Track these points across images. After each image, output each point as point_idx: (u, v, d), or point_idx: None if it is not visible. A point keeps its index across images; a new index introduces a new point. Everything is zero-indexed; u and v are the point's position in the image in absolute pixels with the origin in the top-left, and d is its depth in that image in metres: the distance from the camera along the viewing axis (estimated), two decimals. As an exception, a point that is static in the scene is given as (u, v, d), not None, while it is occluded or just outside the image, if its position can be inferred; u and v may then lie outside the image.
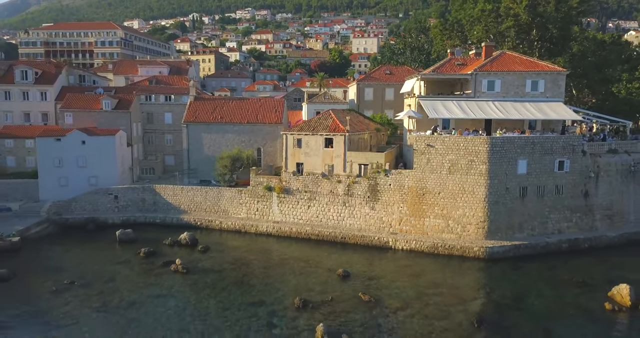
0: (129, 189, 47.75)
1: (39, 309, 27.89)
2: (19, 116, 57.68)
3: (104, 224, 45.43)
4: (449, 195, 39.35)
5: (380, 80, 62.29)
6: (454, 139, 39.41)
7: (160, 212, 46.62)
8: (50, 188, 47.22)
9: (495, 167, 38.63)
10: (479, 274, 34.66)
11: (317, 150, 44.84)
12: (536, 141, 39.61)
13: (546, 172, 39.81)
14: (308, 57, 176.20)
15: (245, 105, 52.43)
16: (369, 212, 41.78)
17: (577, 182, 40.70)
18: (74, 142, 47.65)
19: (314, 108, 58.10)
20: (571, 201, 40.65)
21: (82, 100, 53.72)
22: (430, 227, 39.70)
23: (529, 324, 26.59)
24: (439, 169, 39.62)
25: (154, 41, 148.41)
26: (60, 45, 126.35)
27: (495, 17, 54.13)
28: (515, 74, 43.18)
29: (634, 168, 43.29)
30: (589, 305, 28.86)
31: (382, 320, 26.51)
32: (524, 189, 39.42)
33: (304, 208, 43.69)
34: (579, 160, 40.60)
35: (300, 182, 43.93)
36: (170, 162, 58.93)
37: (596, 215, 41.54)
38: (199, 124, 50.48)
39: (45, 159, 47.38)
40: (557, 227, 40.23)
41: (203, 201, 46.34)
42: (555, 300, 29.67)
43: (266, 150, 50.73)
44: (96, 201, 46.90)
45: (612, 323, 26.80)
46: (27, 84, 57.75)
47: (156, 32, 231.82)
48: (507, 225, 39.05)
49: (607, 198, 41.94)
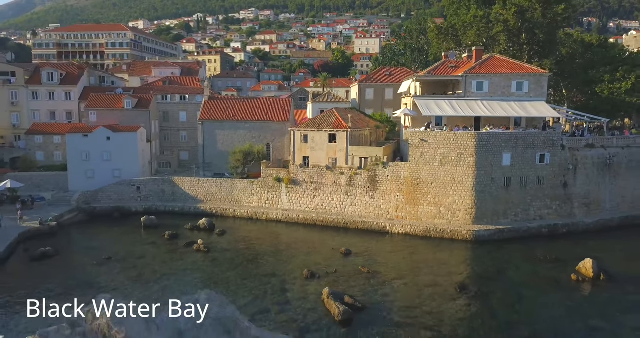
0: (150, 181, 52.62)
1: (85, 279, 32.68)
2: (46, 114, 62.57)
3: (128, 212, 50.28)
4: (440, 185, 44.02)
5: (380, 80, 66.97)
6: (445, 134, 44.10)
7: (178, 202, 51.44)
8: (78, 180, 52.10)
9: (482, 160, 43.27)
10: (465, 253, 39.33)
11: (322, 145, 49.56)
12: (519, 136, 44.25)
13: (528, 164, 44.42)
14: (311, 57, 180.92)
15: (256, 104, 57.24)
16: (368, 201, 46.49)
17: (557, 174, 45.29)
18: (100, 138, 52.50)
19: (319, 107, 62.83)
20: (551, 191, 45.24)
21: (105, 99, 58.59)
22: (424, 213, 44.38)
23: (505, 291, 31.26)
24: (432, 161, 44.29)
25: (162, 42, 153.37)
26: (72, 46, 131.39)
27: (487, 23, 58.67)
28: (502, 75, 47.78)
29: (609, 161, 47.85)
30: (558, 276, 33.46)
31: (379, 286, 31.22)
32: (508, 179, 44.05)
33: (310, 198, 48.44)
34: (558, 153, 45.19)
35: (306, 173, 48.68)
36: (185, 157, 63.76)
37: (574, 204, 46.13)
38: (213, 121, 55.30)
39: (74, 153, 52.26)
40: (538, 214, 44.83)
41: (218, 191, 51.13)
42: (530, 273, 34.31)
43: (275, 145, 55.51)
44: (120, 191, 51.76)
45: (575, 290, 31.42)
46: (53, 84, 62.65)
47: (162, 33, 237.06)
48: (492, 212, 43.69)
49: (584, 188, 46.53)
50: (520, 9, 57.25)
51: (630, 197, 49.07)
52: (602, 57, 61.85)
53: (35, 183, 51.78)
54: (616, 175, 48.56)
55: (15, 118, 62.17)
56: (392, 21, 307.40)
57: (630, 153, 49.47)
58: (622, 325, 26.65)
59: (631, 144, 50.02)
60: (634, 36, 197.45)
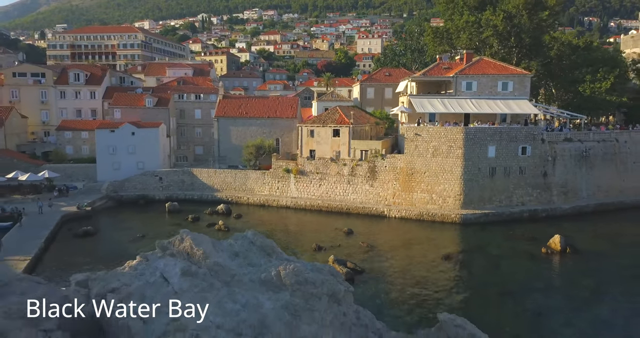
0: (171, 172, 58.47)
1: (126, 250, 38.47)
2: (72, 112, 68.51)
3: (151, 200, 56.14)
4: (432, 174, 49.70)
5: (380, 81, 72.67)
6: (436, 129, 49.79)
7: (197, 191, 57.27)
8: (106, 171, 57.99)
9: (470, 152, 48.92)
10: (454, 233, 45.00)
11: (327, 139, 55.32)
12: (503, 131, 49.90)
13: (511, 155, 50.05)
14: (315, 57, 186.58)
15: (266, 102, 63.03)
16: (368, 189, 52.21)
17: (537, 164, 50.92)
18: (125, 133, 58.35)
19: (323, 105, 68.52)
20: (532, 179, 50.87)
21: (128, 98, 64.47)
22: (417, 199, 50.07)
23: (483, 260, 36.96)
24: (425, 153, 49.97)
25: (170, 43, 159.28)
26: (85, 47, 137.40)
27: (478, 28, 64.22)
28: (489, 76, 53.40)
29: (585, 153, 53.49)
30: (531, 250, 39.08)
31: (376, 257, 36.95)
32: (493, 169, 49.70)
33: (316, 186, 54.19)
34: (538, 146, 50.82)
35: (312, 165, 54.44)
36: (200, 151, 69.58)
37: (553, 191, 51.75)
38: (227, 118, 61.12)
39: (102, 147, 58.15)
40: (520, 200, 50.46)
41: (233, 181, 56.94)
42: (508, 248, 40.00)
43: (284, 140, 61.28)
44: (144, 181, 57.62)
45: (544, 260, 37.07)
46: (79, 84, 68.57)
47: (167, 33, 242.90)
48: (479, 198, 49.33)
49: (562, 177, 52.16)
50: (508, 15, 62.81)
51: (605, 185, 54.73)
52: (585, 59, 67.29)
53: (68, 174, 57.64)
54: (592, 166, 54.22)
55: (44, 115, 68.12)
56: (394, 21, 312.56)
57: (605, 146, 55.14)
58: (577, 284, 32.28)
59: (606, 138, 55.71)
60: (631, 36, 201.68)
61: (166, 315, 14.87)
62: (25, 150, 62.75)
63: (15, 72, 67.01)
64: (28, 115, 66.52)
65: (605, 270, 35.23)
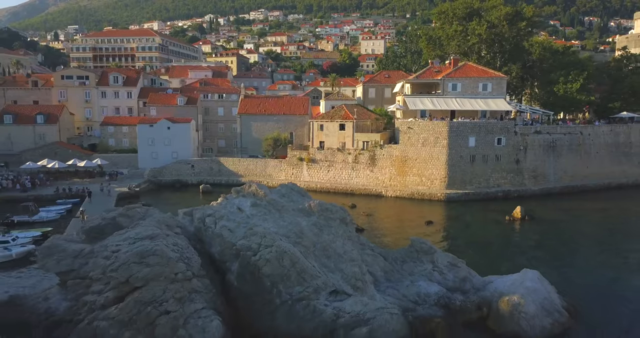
0: (201, 160, 69.35)
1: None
2: (112, 110, 79.53)
3: (185, 184, 66.96)
4: (422, 161, 60.31)
5: (381, 82, 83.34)
6: (425, 123, 60.42)
7: (224, 176, 68.08)
8: (146, 160, 68.88)
9: (453, 142, 59.48)
10: (438, 208, 55.57)
11: (334, 132, 66.03)
12: (482, 124, 60.45)
13: (489, 145, 60.55)
14: (320, 58, 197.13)
15: (281, 101, 73.82)
16: (369, 173, 62.90)
17: (511, 153, 61.42)
18: (162, 127, 69.23)
19: (330, 103, 79.17)
20: (507, 165, 61.37)
21: (162, 97, 75.41)
22: (410, 182, 60.70)
23: (459, 224, 47.67)
24: (416, 143, 60.57)
25: (184, 45, 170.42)
26: (106, 50, 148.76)
27: (465, 36, 74.69)
28: (472, 79, 63.94)
29: (553, 144, 63.98)
30: (498, 218, 49.58)
31: (374, 222, 47.67)
32: (473, 157, 60.23)
33: (325, 172, 64.90)
34: (512, 138, 61.34)
35: (322, 154, 65.16)
36: (222, 144, 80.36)
37: (525, 175, 62.25)
38: (249, 115, 71.97)
39: (142, 139, 69.07)
40: (496, 183, 60.99)
41: (254, 168, 67.71)
42: (480, 217, 50.60)
43: (297, 133, 72.05)
44: (179, 168, 68.48)
45: (506, 225, 47.59)
46: (117, 86, 79.57)
47: (177, 35, 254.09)
48: (461, 181, 59.89)
49: (532, 164, 62.67)
50: (491, 25, 73.29)
51: (570, 171, 65.25)
52: (560, 63, 77.68)
53: (114, 162, 68.58)
54: (559, 154, 64.75)
55: (88, 113, 79.21)
56: (398, 21, 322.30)
57: (571, 138, 65.67)
58: (527, 239, 42.90)
59: (572, 131, 66.25)
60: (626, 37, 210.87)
61: (244, 227, 25.91)
62: (74, 142, 73.70)
63: (63, 75, 78.12)
64: (74, 112, 77.52)
65: (553, 231, 45.79)
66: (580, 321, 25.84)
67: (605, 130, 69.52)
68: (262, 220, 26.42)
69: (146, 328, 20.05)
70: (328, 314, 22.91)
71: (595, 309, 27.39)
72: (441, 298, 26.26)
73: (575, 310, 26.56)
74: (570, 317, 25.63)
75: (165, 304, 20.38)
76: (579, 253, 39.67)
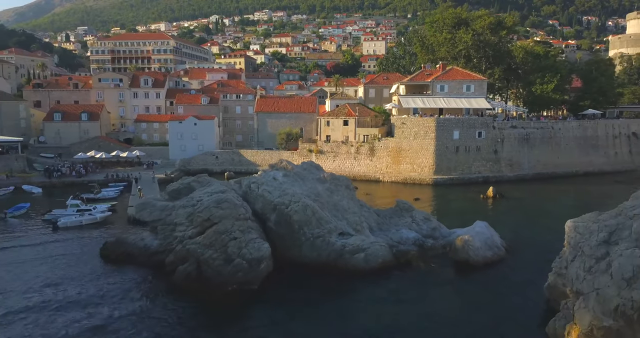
0: (224, 152, 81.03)
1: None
2: (142, 109, 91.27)
3: (210, 172, 78.08)
4: (414, 151, 71.77)
5: (380, 83, 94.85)
6: (416, 119, 71.91)
7: (243, 166, 79.69)
8: (176, 152, 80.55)
9: (440, 135, 70.90)
10: (427, 190, 67.04)
11: (339, 127, 77.54)
12: (464, 120, 71.89)
13: (471, 138, 71.96)
14: (324, 58, 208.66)
15: (292, 101, 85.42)
16: (369, 162, 74.41)
17: (490, 144, 72.84)
18: (190, 124, 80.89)
19: (335, 102, 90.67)
20: (486, 155, 72.81)
21: (188, 98, 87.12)
22: (403, 169, 72.19)
23: (442, 201, 59.19)
24: (409, 136, 72.03)
25: (196, 47, 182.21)
26: (123, 53, 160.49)
27: (453, 43, 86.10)
28: (457, 81, 75.34)
29: (527, 137, 75.40)
30: (474, 197, 61.05)
31: (372, 200, 59.13)
32: (457, 148, 71.67)
33: (331, 161, 76.43)
34: (491, 131, 72.77)
35: (328, 146, 76.66)
36: (239, 138, 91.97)
37: (502, 164, 73.69)
38: (264, 113, 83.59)
39: (173, 134, 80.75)
40: (477, 170, 72.43)
41: (270, 159, 79.11)
42: (460, 196, 62.06)
43: (306, 129, 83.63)
44: (205, 159, 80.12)
45: (479, 201, 59.10)
46: (147, 87, 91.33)
47: (185, 36, 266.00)
48: (446, 168, 71.33)
49: (509, 154, 74.10)
50: (475, 33, 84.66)
51: (542, 160, 76.66)
52: (537, 66, 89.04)
53: (148, 154, 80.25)
54: (532, 146, 76.20)
55: (121, 111, 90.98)
56: (399, 22, 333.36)
57: (543, 132, 77.10)
58: (495, 210, 54.41)
59: (544, 126, 77.70)
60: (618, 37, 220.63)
61: (278, 190, 37.54)
62: (112, 136, 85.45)
63: (100, 78, 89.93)
64: (110, 111, 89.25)
65: (516, 205, 57.33)
66: (513, 255, 37.37)
67: (574, 125, 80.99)
68: (290, 186, 37.99)
69: (221, 248, 31.60)
70: (338, 246, 34.49)
71: (525, 249, 38.92)
72: (417, 241, 37.86)
73: (511, 248, 38.15)
74: (506, 252, 37.21)
75: (233, 233, 31.93)
76: (530, 218, 51.27)
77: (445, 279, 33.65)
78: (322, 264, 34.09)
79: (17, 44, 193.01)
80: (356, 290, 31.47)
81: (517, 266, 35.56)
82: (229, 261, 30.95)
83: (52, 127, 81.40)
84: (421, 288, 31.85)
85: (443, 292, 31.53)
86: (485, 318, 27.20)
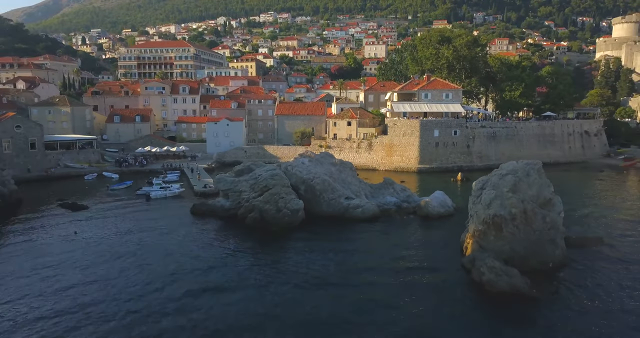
0: (251, 147, 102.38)
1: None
2: (181, 112, 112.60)
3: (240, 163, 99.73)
4: (403, 147, 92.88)
5: (378, 90, 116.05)
6: (405, 121, 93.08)
7: (267, 158, 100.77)
8: (212, 147, 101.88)
9: (423, 133, 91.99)
10: (413, 176, 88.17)
11: (343, 127, 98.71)
12: (443, 121, 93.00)
13: (448, 135, 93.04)
14: (329, 62, 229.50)
15: (306, 105, 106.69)
16: (367, 155, 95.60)
17: (463, 141, 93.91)
18: (223, 124, 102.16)
19: (340, 106, 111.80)
20: (461, 149, 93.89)
21: (220, 102, 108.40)
22: (395, 160, 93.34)
23: (422, 182, 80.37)
24: (399, 134, 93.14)
25: (211, 53, 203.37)
26: (148, 59, 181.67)
27: (437, 57, 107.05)
28: (438, 90, 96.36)
29: (494, 134, 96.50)
30: (447, 180, 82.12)
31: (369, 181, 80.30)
32: (437, 143, 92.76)
33: (337, 154, 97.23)
34: (464, 130, 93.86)
35: (335, 142, 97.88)
36: (261, 137, 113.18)
37: (473, 156, 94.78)
38: (283, 115, 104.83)
39: (210, 132, 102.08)
40: (453, 161, 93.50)
41: (288, 153, 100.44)
42: (436, 179, 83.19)
43: (317, 128, 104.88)
44: (236, 153, 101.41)
45: (450, 183, 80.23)
46: (185, 94, 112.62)
47: (195, 39, 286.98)
48: (429, 159, 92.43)
49: (479, 148, 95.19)
50: (455, 49, 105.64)
51: (507, 153, 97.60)
52: (507, 75, 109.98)
53: (190, 149, 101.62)
54: (499, 142, 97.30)
55: (164, 114, 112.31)
56: (400, 23, 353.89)
57: (507, 130, 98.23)
58: (462, 190, 75.52)
59: (508, 126, 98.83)
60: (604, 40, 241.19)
61: (306, 170, 59.61)
62: (158, 135, 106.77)
63: (147, 87, 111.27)
64: (155, 113, 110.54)
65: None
66: (460, 212, 58.52)
67: (534, 124, 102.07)
68: (313, 168, 59.22)
69: (274, 203, 52.80)
70: (344, 204, 55.75)
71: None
72: (396, 204, 59.11)
73: (459, 208, 59.33)
74: (455, 210, 58.40)
75: (281, 194, 53.16)
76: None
77: (412, 225, 54.92)
78: (334, 216, 55.43)
79: (45, 49, 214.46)
80: (356, 231, 52.75)
81: (459, 217, 56.76)
82: (279, 211, 52.24)
83: (112, 127, 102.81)
84: (397, 230, 53.12)
85: (410, 232, 52.81)
86: (435, 245, 48.48)
